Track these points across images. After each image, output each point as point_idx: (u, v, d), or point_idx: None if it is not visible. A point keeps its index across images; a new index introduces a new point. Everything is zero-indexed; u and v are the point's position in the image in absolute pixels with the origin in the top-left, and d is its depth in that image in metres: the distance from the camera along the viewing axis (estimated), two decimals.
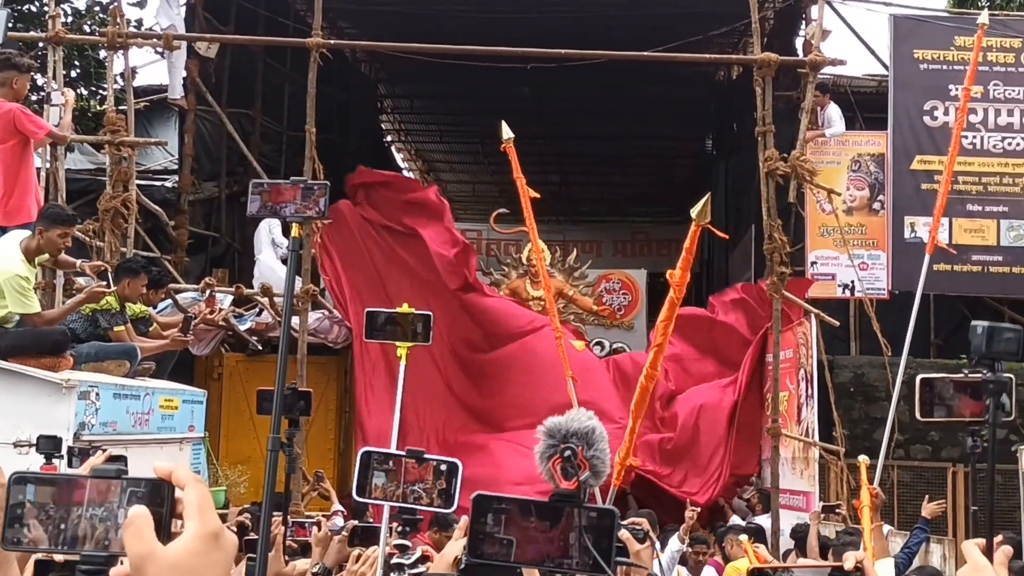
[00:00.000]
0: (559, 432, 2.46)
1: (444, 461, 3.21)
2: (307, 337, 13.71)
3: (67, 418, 8.13)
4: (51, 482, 1.81)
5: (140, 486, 1.78)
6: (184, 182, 16.14)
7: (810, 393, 13.55)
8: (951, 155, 9.49)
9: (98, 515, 1.81)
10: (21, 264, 8.49)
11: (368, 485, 3.21)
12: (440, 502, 3.19)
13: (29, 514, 1.81)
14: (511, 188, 28.64)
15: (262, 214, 3.74)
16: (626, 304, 18.48)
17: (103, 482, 1.78)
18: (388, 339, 4.67)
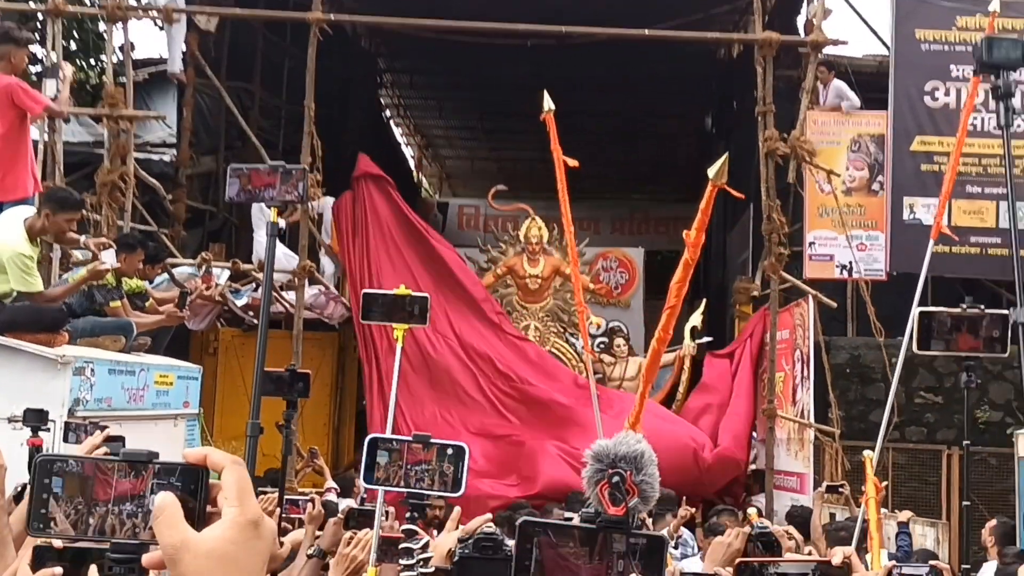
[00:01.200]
0: (607, 456, 2.39)
1: (451, 445, 3.19)
2: (303, 313, 13.71)
3: (62, 394, 8.11)
4: (80, 472, 1.79)
5: (173, 473, 1.77)
6: (182, 156, 16.10)
7: (806, 374, 13.55)
8: (957, 144, 9.41)
9: (128, 505, 1.80)
10: (24, 242, 8.48)
11: (374, 467, 3.19)
12: (446, 486, 3.17)
13: (56, 501, 1.80)
14: (509, 163, 28.90)
15: (240, 198, 3.72)
16: (623, 283, 18.46)
17: (134, 471, 1.76)
18: (384, 320, 4.66)
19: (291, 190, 3.71)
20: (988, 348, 3.82)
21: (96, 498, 1.80)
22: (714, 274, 22.81)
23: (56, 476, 1.80)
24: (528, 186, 27.59)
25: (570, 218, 10.61)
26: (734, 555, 4.61)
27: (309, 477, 13.74)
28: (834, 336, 14.65)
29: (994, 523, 9.25)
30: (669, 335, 9.27)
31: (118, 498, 1.78)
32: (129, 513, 1.77)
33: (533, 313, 16.47)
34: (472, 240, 21.66)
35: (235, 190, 3.76)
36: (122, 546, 1.79)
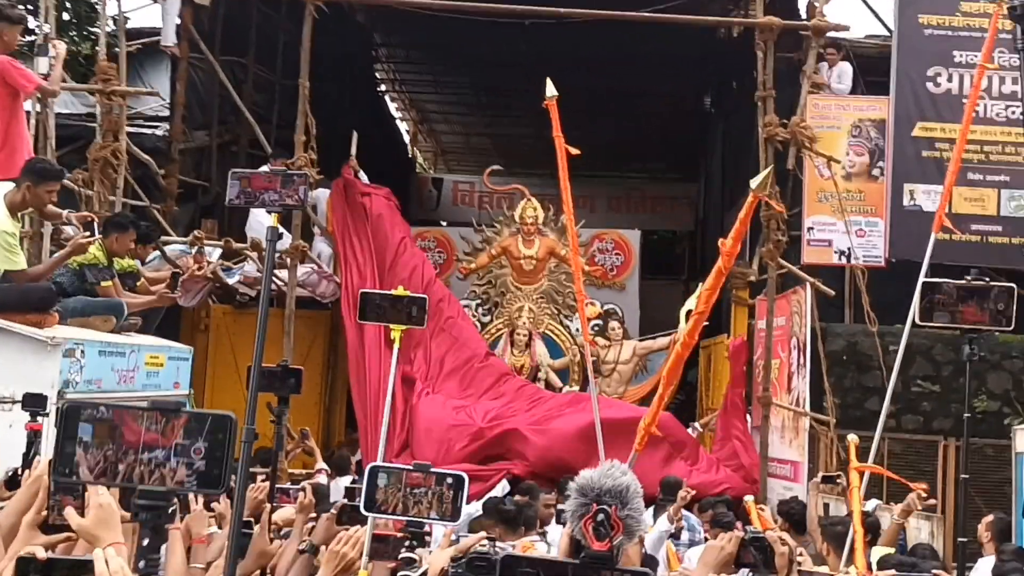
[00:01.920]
0: (592, 490, 2.32)
1: (450, 474, 3.10)
2: (295, 291, 13.60)
3: (51, 376, 8.02)
4: (110, 419, 1.78)
5: (203, 422, 1.79)
6: (175, 131, 15.92)
7: (802, 362, 13.46)
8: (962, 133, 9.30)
9: (157, 453, 1.80)
10: (6, 219, 8.34)
11: (374, 492, 3.11)
12: (445, 513, 3.07)
13: (83, 449, 1.79)
14: (504, 140, 28.76)
15: (240, 201, 3.62)
16: (619, 264, 18.33)
17: (165, 419, 1.77)
18: (382, 320, 4.57)
19: (292, 195, 3.62)
20: (994, 321, 3.72)
21: (126, 445, 1.83)
22: (710, 256, 22.68)
23: (85, 423, 1.83)
24: (524, 163, 27.50)
25: (571, 205, 10.50)
26: (727, 559, 4.57)
27: (299, 458, 13.66)
28: (831, 323, 14.55)
29: (991, 519, 9.17)
30: (695, 340, 9.18)
31: (147, 446, 1.82)
32: (158, 461, 1.81)
33: (527, 295, 16.38)
34: (466, 217, 21.60)
35: (235, 193, 3.66)
36: (150, 493, 1.82)
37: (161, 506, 1.82)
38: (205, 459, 1.85)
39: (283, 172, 3.74)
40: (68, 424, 1.82)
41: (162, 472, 1.83)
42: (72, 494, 3.41)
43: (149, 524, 1.87)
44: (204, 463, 1.85)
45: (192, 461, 1.83)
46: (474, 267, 16.72)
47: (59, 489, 3.42)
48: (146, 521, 1.86)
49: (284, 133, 15.60)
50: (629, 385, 16.11)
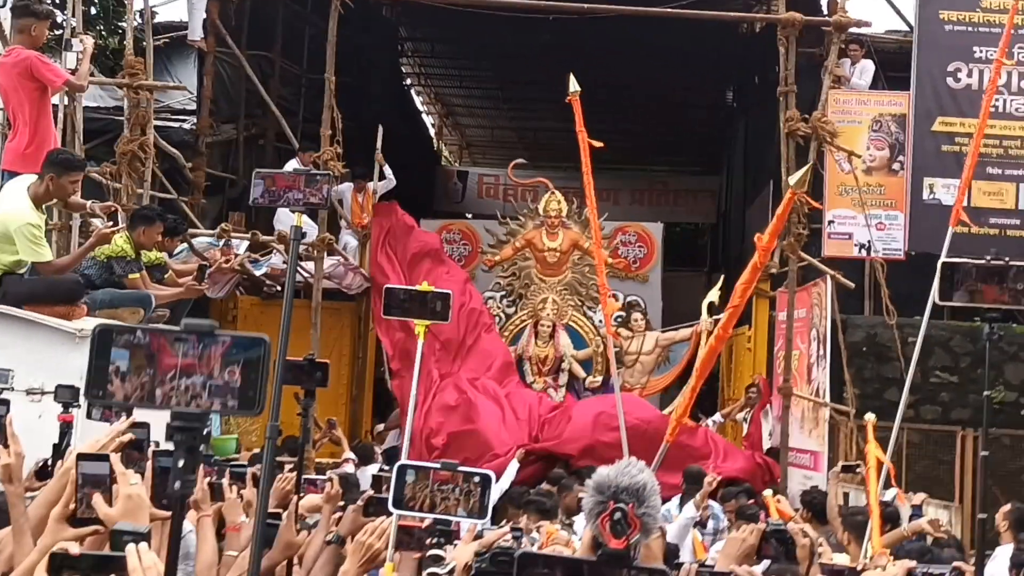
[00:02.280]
0: (608, 488, 2.34)
1: (477, 472, 3.20)
2: (322, 283, 13.77)
3: (79, 367, 8.13)
4: (146, 344, 1.82)
5: (238, 343, 1.81)
6: (202, 124, 16.10)
7: (822, 353, 13.54)
8: (979, 128, 9.38)
9: (195, 378, 1.84)
10: (31, 211, 8.45)
11: (403, 489, 3.21)
12: (472, 511, 3.17)
13: (118, 376, 1.84)
14: (529, 134, 28.85)
15: (265, 201, 3.74)
16: (641, 257, 18.40)
17: (201, 342, 1.79)
18: (406, 316, 4.67)
19: (315, 193, 3.73)
20: (1014, 300, 3.78)
21: (162, 372, 1.85)
22: (733, 248, 22.77)
23: (120, 348, 1.84)
24: (548, 156, 27.57)
25: (594, 200, 10.60)
26: (749, 551, 4.63)
27: (327, 447, 13.84)
28: (851, 314, 14.63)
29: (1008, 508, 9.25)
30: (728, 334, 9.29)
31: (184, 371, 1.83)
32: (194, 388, 1.83)
33: (551, 287, 16.50)
34: (491, 209, 21.69)
35: (259, 192, 3.77)
36: (182, 414, 1.85)
37: (196, 427, 1.89)
38: (240, 381, 1.90)
39: (307, 171, 3.86)
40: (101, 347, 1.88)
41: (199, 395, 1.89)
42: (101, 487, 3.51)
43: (184, 446, 1.92)
44: (239, 385, 1.89)
45: (228, 383, 1.89)
46: (499, 259, 16.86)
47: (87, 482, 3.50)
48: (180, 443, 1.92)
49: (310, 127, 15.75)
50: (651, 376, 16.22)
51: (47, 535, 3.47)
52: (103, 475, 3.54)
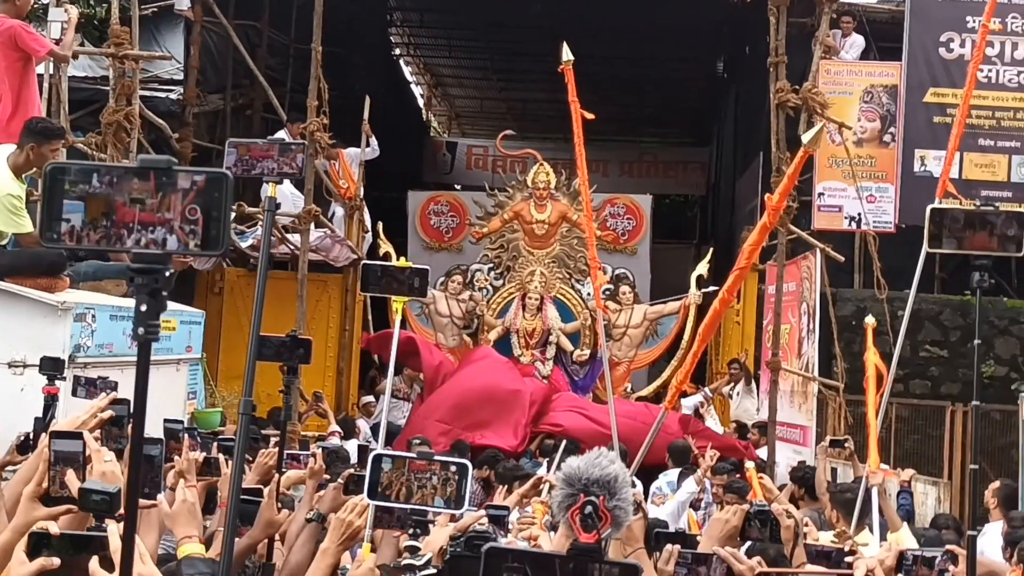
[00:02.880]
0: (579, 480, 2.28)
1: (454, 462, 3.13)
2: (308, 255, 13.67)
3: (62, 340, 8.07)
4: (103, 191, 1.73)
5: (198, 179, 1.74)
6: (189, 94, 15.97)
7: (811, 327, 13.50)
8: (965, 97, 9.28)
9: (157, 226, 1.75)
10: (11, 182, 8.33)
11: (378, 479, 3.13)
12: (449, 501, 3.11)
13: (70, 209, 1.75)
14: (518, 105, 28.72)
15: (238, 171, 3.65)
16: (630, 229, 18.32)
17: (157, 178, 1.71)
18: (384, 292, 4.59)
19: (289, 163, 3.64)
20: (1002, 246, 3.73)
21: (121, 222, 1.77)
22: (722, 221, 22.73)
23: (74, 200, 1.76)
24: (537, 128, 27.49)
25: (586, 172, 10.47)
26: (732, 532, 4.58)
27: (313, 420, 13.79)
28: (840, 288, 14.58)
29: (997, 485, 9.24)
30: (733, 297, 9.19)
31: (143, 221, 1.75)
32: (152, 227, 1.75)
33: (539, 259, 16.43)
34: (480, 180, 21.61)
35: (232, 161, 3.69)
36: (145, 256, 1.77)
37: (157, 270, 1.79)
38: (202, 219, 1.79)
39: (281, 141, 3.78)
40: (52, 195, 1.78)
41: (159, 235, 1.79)
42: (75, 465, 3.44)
43: (145, 289, 1.82)
44: (201, 224, 1.80)
45: (189, 222, 1.79)
46: (486, 231, 16.77)
47: (60, 459, 3.43)
48: (142, 286, 1.82)
49: (298, 97, 15.62)
50: (639, 349, 16.18)
51: (19, 514, 3.41)
52: (76, 452, 3.49)
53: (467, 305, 16.42)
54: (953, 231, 3.73)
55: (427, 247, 18.58)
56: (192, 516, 3.91)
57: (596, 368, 16.14)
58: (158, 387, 9.56)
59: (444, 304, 16.36)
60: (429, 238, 18.64)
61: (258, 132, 16.76)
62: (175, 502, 3.65)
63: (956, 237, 3.74)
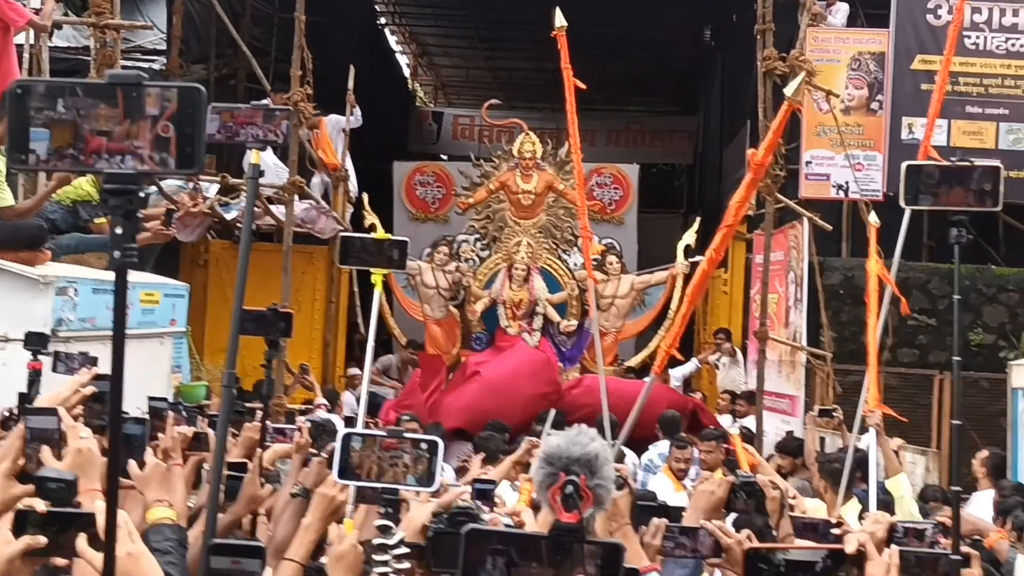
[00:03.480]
0: (559, 459, 2.24)
1: (424, 439, 3.07)
2: (294, 228, 13.57)
3: (44, 314, 8.01)
4: (67, 121, 1.68)
5: (170, 94, 1.70)
6: (172, 65, 15.82)
7: (799, 296, 13.47)
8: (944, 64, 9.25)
9: (127, 140, 1.70)
10: None
11: (348, 458, 3.08)
12: (421, 479, 3.05)
13: (36, 137, 1.71)
14: (504, 74, 28.58)
15: (221, 137, 3.58)
16: (617, 199, 18.29)
17: (126, 94, 1.67)
18: (363, 265, 4.54)
19: (273, 130, 3.57)
20: (979, 202, 3.71)
21: (91, 145, 1.72)
22: (709, 189, 22.68)
23: (39, 128, 1.72)
24: (523, 97, 27.35)
25: (578, 140, 10.37)
26: (717, 504, 4.54)
27: (299, 393, 13.72)
28: (828, 257, 14.55)
29: (986, 454, 9.23)
30: (722, 255, 9.13)
31: (111, 150, 1.71)
32: (125, 146, 1.71)
33: (525, 229, 16.34)
34: (467, 151, 21.46)
35: (215, 128, 3.61)
36: (119, 176, 1.73)
37: (132, 190, 1.73)
38: (176, 136, 1.75)
39: (264, 107, 3.71)
40: (18, 116, 1.71)
41: (132, 154, 1.73)
42: (50, 442, 3.38)
43: (120, 211, 1.76)
44: (176, 141, 1.75)
45: (162, 139, 1.73)
46: (472, 202, 16.67)
47: (35, 437, 3.38)
48: (117, 208, 1.76)
49: (283, 67, 15.48)
50: (627, 320, 16.12)
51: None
52: (51, 429, 3.44)
53: (453, 276, 16.34)
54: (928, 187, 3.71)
55: (413, 218, 18.53)
56: (164, 481, 3.84)
57: (583, 339, 16.10)
58: (142, 361, 9.52)
59: (430, 275, 16.28)
60: (415, 209, 18.58)
61: (242, 102, 16.57)
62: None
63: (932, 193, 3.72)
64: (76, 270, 8.78)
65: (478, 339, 16.41)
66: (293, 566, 3.98)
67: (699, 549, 4.29)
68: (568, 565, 1.96)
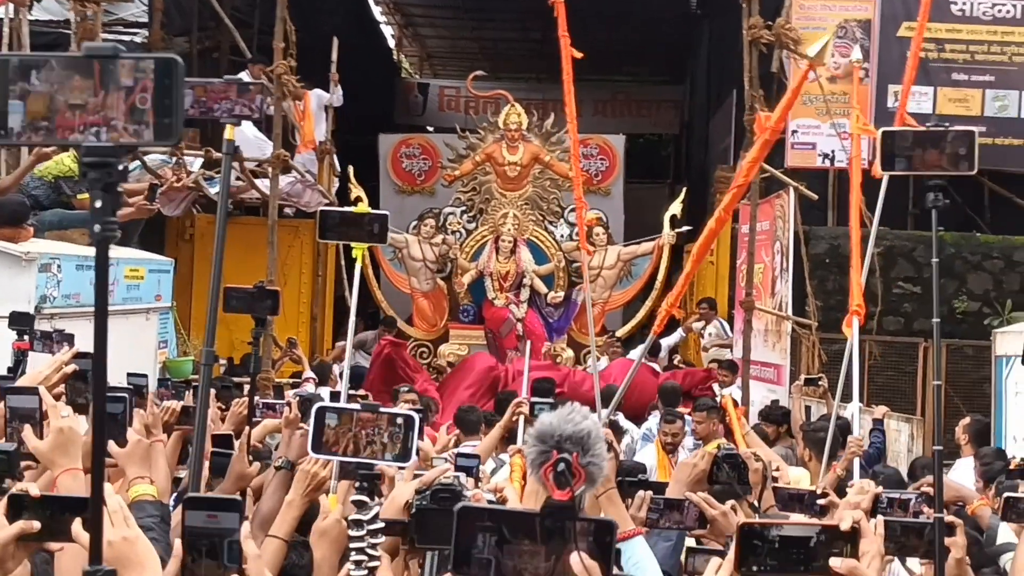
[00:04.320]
0: (551, 437, 2.25)
1: (400, 414, 3.07)
2: (280, 201, 13.53)
3: (27, 291, 7.98)
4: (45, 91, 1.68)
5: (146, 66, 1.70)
6: (154, 38, 15.70)
7: (785, 266, 13.48)
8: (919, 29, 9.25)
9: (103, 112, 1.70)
10: None
11: (322, 434, 3.06)
12: (396, 454, 3.05)
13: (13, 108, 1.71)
14: (490, 44, 28.45)
15: (195, 112, 3.55)
16: (603, 170, 18.27)
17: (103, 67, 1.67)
18: (343, 239, 4.51)
19: (247, 104, 3.54)
20: (953, 165, 3.73)
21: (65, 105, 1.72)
22: (696, 159, 22.65)
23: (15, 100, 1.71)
24: (510, 68, 27.26)
25: (574, 110, 10.28)
26: (700, 476, 4.56)
27: (288, 367, 13.72)
28: (814, 225, 14.55)
29: (968, 421, 9.25)
30: (729, 216, 9.11)
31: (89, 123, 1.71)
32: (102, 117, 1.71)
33: (512, 201, 16.31)
34: (453, 122, 21.40)
35: (189, 103, 3.57)
36: (97, 149, 1.74)
37: (111, 163, 1.73)
38: (153, 108, 1.75)
39: (238, 81, 3.67)
40: None
41: (109, 126, 1.73)
42: (31, 421, 3.37)
43: (99, 183, 1.76)
44: (152, 113, 1.75)
45: (140, 111, 1.73)
46: (458, 174, 16.62)
47: (16, 416, 3.37)
48: (96, 180, 1.76)
49: (265, 39, 15.38)
50: (613, 291, 16.12)
51: None
52: (32, 408, 3.44)
53: (440, 249, 16.32)
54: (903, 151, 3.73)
55: (399, 190, 18.48)
56: (145, 458, 3.84)
57: (571, 310, 16.11)
58: (128, 335, 9.50)
59: (417, 248, 16.25)
60: (401, 181, 18.53)
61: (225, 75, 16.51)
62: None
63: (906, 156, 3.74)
64: (59, 246, 8.75)
65: (465, 311, 16.41)
66: (277, 542, 3.98)
67: (683, 521, 4.32)
68: (560, 542, 1.98)
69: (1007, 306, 13.99)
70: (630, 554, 3.57)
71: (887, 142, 3.78)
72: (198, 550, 2.64)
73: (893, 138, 3.80)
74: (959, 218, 14.39)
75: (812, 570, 2.46)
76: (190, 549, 2.63)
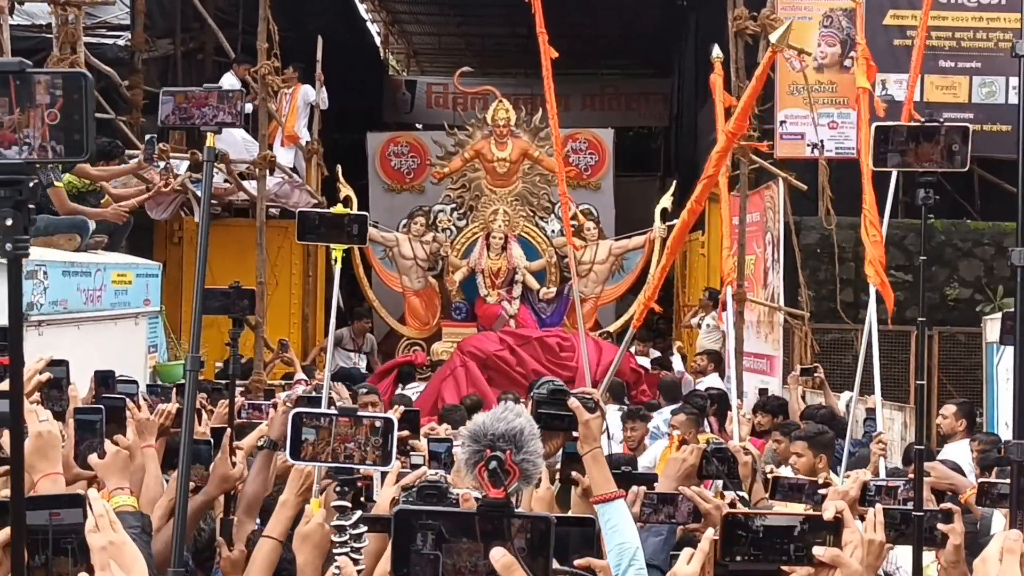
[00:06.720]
0: (484, 436, 2.27)
1: (378, 417, 3.04)
2: (268, 202, 13.49)
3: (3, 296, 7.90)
4: None
5: (56, 80, 1.69)
6: (137, 40, 15.62)
7: (776, 257, 13.45)
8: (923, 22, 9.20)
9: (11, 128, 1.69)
10: None
11: (300, 444, 3.03)
12: (377, 459, 3.02)
13: None
14: (477, 40, 28.37)
15: (176, 120, 3.51)
16: (593, 164, 18.23)
17: (13, 90, 1.67)
18: (322, 241, 4.48)
19: (229, 111, 3.50)
20: (947, 161, 3.72)
21: None
22: (685, 151, 22.60)
23: None
24: (497, 64, 27.19)
25: (555, 106, 10.28)
26: (689, 471, 4.54)
27: (279, 368, 13.69)
28: (804, 216, 14.52)
29: (954, 408, 9.28)
30: (702, 206, 9.09)
31: None
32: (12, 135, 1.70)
33: (502, 197, 16.29)
34: (441, 119, 21.35)
35: (168, 111, 3.54)
36: (7, 167, 1.72)
37: (21, 180, 1.71)
38: (63, 123, 1.72)
39: (218, 88, 3.63)
40: None
41: (19, 142, 1.71)
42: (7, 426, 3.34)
43: (10, 201, 1.74)
44: (62, 128, 1.72)
45: (50, 127, 1.71)
46: (447, 171, 16.60)
47: None
48: (6, 199, 1.74)
49: (250, 39, 15.28)
50: (605, 285, 16.11)
51: None
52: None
53: (431, 246, 16.30)
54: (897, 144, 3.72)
55: (388, 189, 18.44)
56: (125, 468, 3.83)
57: (563, 305, 16.10)
58: (117, 340, 9.46)
59: (408, 246, 16.23)
60: (390, 180, 18.49)
61: (210, 77, 16.45)
62: (107, 453, 3.56)
63: (899, 151, 3.72)
64: (46, 252, 8.69)
65: (457, 309, 16.38)
66: (271, 543, 3.95)
67: (676, 516, 4.30)
68: (498, 540, 1.98)
69: (999, 292, 13.96)
70: (608, 516, 3.60)
71: (880, 138, 3.76)
72: (44, 549, 2.63)
73: (886, 133, 3.78)
74: (949, 205, 14.38)
75: (796, 560, 2.46)
76: (36, 549, 2.62)
